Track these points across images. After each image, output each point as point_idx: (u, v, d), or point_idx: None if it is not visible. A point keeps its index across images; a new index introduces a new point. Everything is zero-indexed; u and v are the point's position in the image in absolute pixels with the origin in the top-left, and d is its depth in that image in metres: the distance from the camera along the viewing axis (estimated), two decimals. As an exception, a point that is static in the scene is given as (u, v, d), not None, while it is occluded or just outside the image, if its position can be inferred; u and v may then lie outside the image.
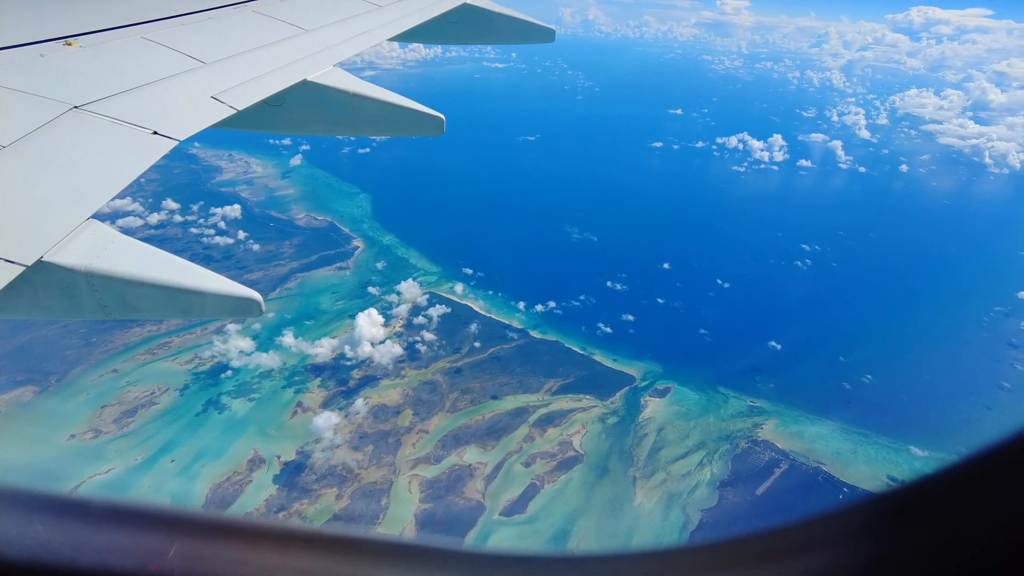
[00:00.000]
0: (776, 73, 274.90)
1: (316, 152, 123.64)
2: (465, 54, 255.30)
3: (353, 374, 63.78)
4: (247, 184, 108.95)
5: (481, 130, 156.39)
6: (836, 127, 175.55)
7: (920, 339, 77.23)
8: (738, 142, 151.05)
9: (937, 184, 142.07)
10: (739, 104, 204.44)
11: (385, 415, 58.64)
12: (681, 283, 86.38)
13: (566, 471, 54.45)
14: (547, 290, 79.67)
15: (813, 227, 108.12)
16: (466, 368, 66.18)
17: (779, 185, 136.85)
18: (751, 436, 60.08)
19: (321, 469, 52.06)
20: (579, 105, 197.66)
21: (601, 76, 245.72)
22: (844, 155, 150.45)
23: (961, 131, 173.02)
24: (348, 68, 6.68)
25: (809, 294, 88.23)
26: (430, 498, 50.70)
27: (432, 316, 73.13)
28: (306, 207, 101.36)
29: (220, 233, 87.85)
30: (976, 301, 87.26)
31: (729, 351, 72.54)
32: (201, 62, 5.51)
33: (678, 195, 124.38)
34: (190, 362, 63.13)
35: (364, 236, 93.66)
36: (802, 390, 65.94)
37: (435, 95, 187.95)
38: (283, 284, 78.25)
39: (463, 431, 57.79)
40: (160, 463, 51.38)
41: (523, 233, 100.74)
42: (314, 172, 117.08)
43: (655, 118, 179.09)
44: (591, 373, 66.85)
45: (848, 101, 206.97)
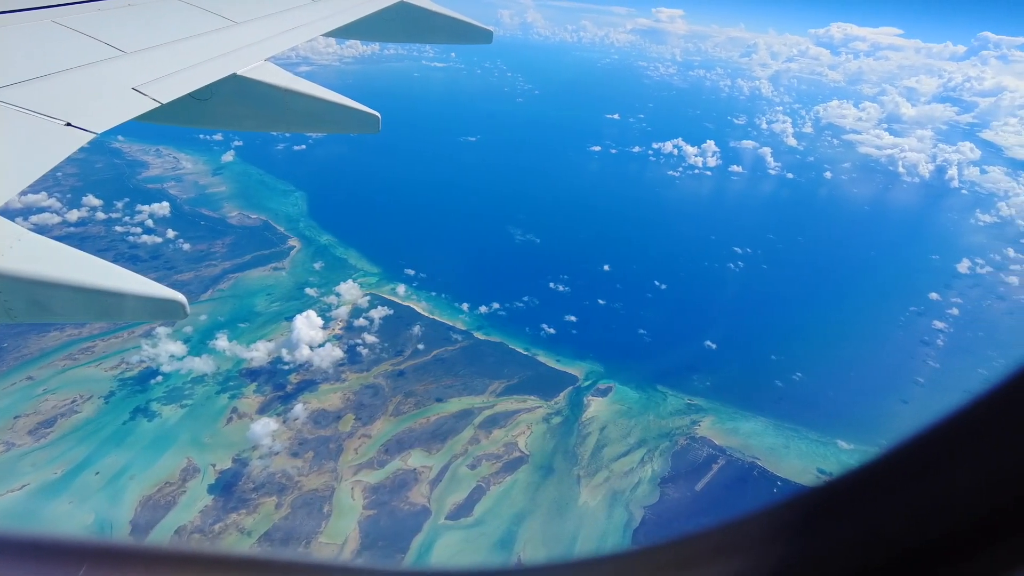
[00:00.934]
0: (709, 81, 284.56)
1: (249, 148, 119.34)
2: (404, 52, 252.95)
3: (291, 378, 61.83)
4: (176, 180, 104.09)
5: (421, 129, 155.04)
6: (765, 134, 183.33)
7: (843, 337, 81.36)
8: (673, 147, 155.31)
9: (857, 191, 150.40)
10: (674, 110, 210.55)
11: (326, 420, 57.10)
12: (621, 284, 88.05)
13: (512, 472, 54.47)
14: (491, 291, 79.59)
15: (745, 230, 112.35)
16: (409, 371, 65.27)
17: (712, 190, 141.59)
18: (689, 433, 61.71)
19: (259, 477, 50.14)
20: (519, 107, 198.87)
21: (540, 79, 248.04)
22: (773, 161, 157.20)
23: (878, 141, 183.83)
24: (282, 63, 6.46)
25: (742, 295, 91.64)
26: (374, 504, 49.68)
27: (373, 318, 71.77)
28: (239, 205, 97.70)
29: (147, 232, 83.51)
30: (893, 301, 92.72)
31: (667, 350, 74.40)
32: (120, 51, 5.11)
33: (617, 198, 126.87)
34: (116, 368, 59.64)
35: (300, 235, 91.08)
36: (736, 387, 68.28)
37: (373, 92, 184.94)
38: (215, 285, 75.11)
39: (407, 435, 56.94)
40: (82, 477, 48.19)
41: (466, 234, 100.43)
42: (247, 169, 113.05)
43: (593, 122, 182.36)
44: (535, 374, 67.18)
45: (776, 110, 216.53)
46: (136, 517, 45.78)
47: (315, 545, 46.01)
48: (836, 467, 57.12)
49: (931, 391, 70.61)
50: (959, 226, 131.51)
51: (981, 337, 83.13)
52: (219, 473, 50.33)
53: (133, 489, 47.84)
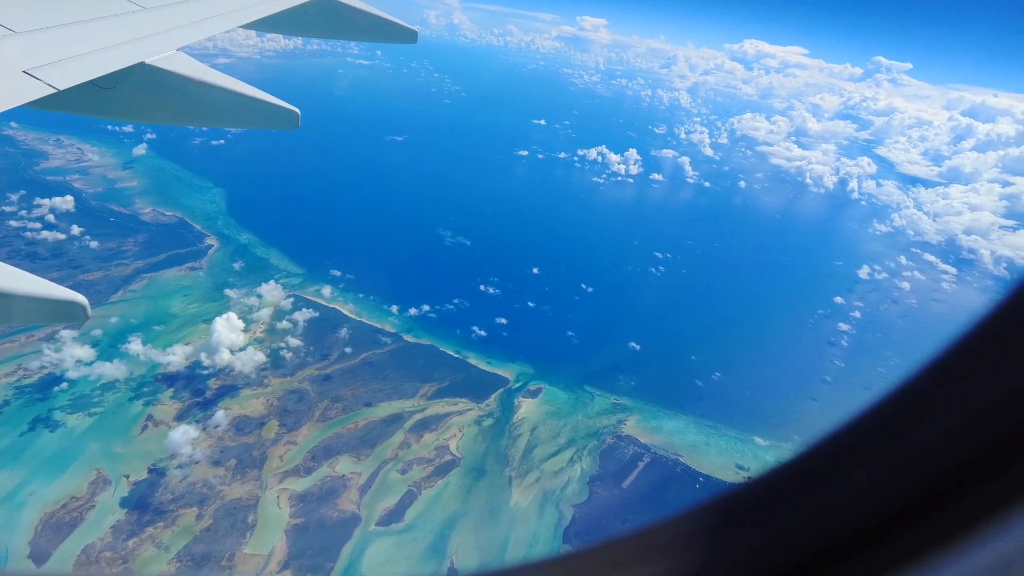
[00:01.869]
0: (630, 90, 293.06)
1: (163, 141, 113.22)
2: (327, 48, 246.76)
3: (210, 383, 58.98)
4: (81, 173, 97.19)
5: (346, 127, 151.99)
6: (684, 144, 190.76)
7: (758, 339, 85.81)
8: (597, 154, 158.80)
9: (769, 200, 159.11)
10: (598, 118, 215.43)
11: (249, 427, 54.82)
12: (550, 287, 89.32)
13: (443, 476, 54.13)
14: (421, 293, 78.84)
15: (666, 236, 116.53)
16: (336, 375, 63.67)
17: (635, 196, 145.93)
18: (616, 432, 63.33)
19: (178, 488, 47.51)
20: (447, 108, 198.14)
21: (467, 81, 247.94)
22: (691, 170, 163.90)
23: (787, 153, 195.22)
24: (197, 54, 6.29)
25: (663, 298, 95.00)
26: (301, 512, 48.13)
27: (298, 320, 69.54)
28: (152, 201, 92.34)
29: (48, 227, 77.46)
30: (802, 304, 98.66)
31: (594, 351, 76.10)
32: (9, 30, 4.73)
33: (545, 202, 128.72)
34: (12, 374, 54.95)
35: (219, 234, 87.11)
36: (660, 387, 70.69)
37: (296, 88, 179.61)
38: (127, 285, 70.66)
39: (335, 441, 55.52)
40: (-28, 495, 44.20)
41: (394, 235, 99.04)
42: (161, 163, 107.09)
43: (521, 127, 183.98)
44: (466, 376, 67.06)
45: (694, 121, 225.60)
46: (36, 538, 42.33)
47: (240, 557, 44.08)
48: (754, 463, 60.48)
49: (837, 389, 75.55)
50: (859, 235, 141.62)
51: (880, 338, 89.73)
52: (133, 485, 47.34)
53: (32, 507, 44.20)
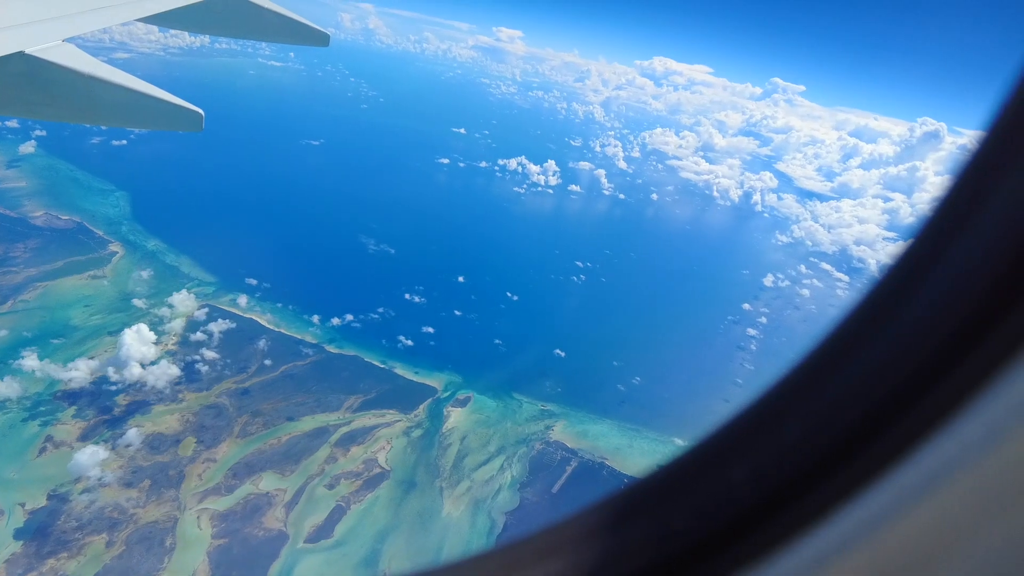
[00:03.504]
0: (547, 102, 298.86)
1: (55, 139, 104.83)
2: (237, 47, 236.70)
3: (119, 400, 55.09)
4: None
5: (258, 129, 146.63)
6: (599, 157, 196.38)
7: (674, 344, 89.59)
8: (517, 165, 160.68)
9: (680, 211, 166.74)
10: (516, 129, 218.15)
11: (163, 445, 51.59)
12: (475, 296, 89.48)
13: (373, 489, 53.05)
14: (344, 302, 76.93)
15: (585, 246, 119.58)
16: (255, 388, 61.07)
17: (554, 207, 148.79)
18: (544, 438, 64.25)
19: (84, 514, 43.98)
20: (364, 114, 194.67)
21: (384, 87, 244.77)
22: (607, 183, 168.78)
23: (696, 167, 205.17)
24: (92, 47, 6.07)
25: (585, 305, 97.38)
26: (224, 532, 45.78)
27: (212, 332, 66.20)
28: (45, 203, 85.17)
29: (-82, 231, 69.94)
30: (713, 311, 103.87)
31: (521, 359, 76.88)
32: None
33: (468, 211, 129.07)
34: None
35: (123, 240, 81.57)
36: (584, 392, 72.38)
37: (203, 87, 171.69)
38: (17, 295, 64.78)
39: (256, 457, 53.20)
40: None
41: (314, 242, 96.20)
42: (53, 163, 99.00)
43: (440, 135, 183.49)
44: (393, 387, 66.03)
45: (608, 134, 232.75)
46: (-85, 575, 38.08)
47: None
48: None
49: (748, 391, 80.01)
50: (763, 245, 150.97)
51: (784, 342, 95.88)
52: (30, 514, 43.43)
53: (-91, 542, 39.73)
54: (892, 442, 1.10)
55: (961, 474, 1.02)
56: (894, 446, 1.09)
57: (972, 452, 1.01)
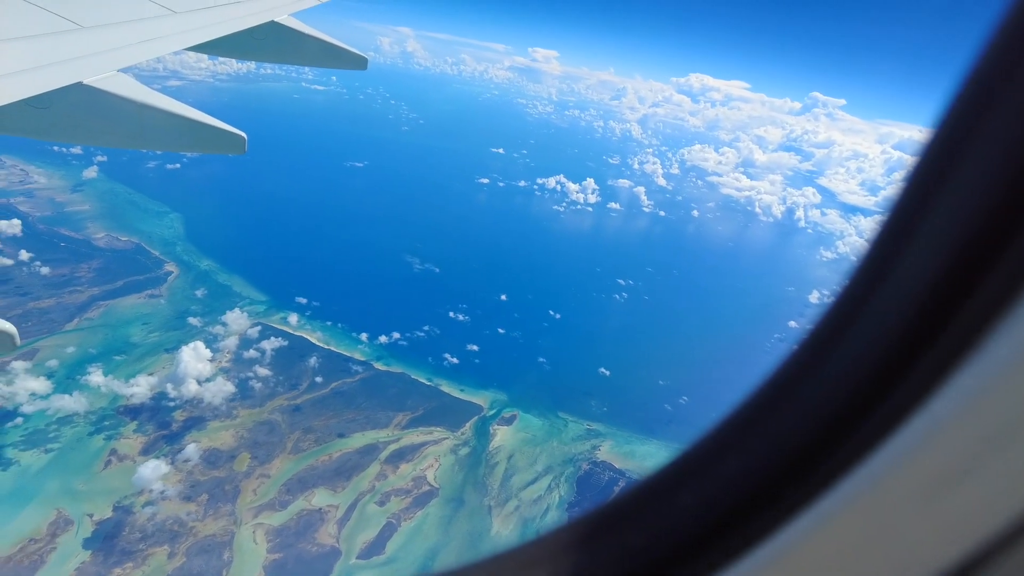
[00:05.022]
0: (584, 121, 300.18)
1: (115, 164, 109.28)
2: (281, 72, 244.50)
3: (176, 415, 56.69)
4: (26, 196, 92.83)
5: (305, 152, 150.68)
6: (638, 174, 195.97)
7: (720, 363, 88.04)
8: (556, 183, 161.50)
9: (722, 228, 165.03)
10: (554, 148, 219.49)
11: (219, 460, 52.81)
12: (518, 313, 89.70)
13: (422, 507, 53.27)
14: (390, 321, 77.98)
15: (626, 264, 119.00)
16: (307, 405, 62.13)
17: (594, 225, 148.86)
18: (591, 458, 63.72)
19: (147, 526, 45.24)
20: (405, 135, 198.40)
21: (424, 109, 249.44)
22: (647, 200, 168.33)
23: (737, 183, 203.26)
24: (147, 75, 6.34)
25: (628, 324, 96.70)
26: (279, 547, 46.48)
27: (265, 349, 67.71)
28: (106, 226, 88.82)
29: (-7, 252, 73.58)
30: (759, 329, 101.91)
31: (565, 377, 76.59)
32: None
33: (508, 230, 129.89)
34: (-42, 410, 51.65)
35: (178, 260, 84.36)
36: (631, 412, 71.63)
37: (251, 112, 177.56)
38: (82, 313, 67.50)
39: (309, 473, 54.00)
40: (-81, 539, 41.07)
41: (361, 261, 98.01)
42: (113, 187, 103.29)
43: (479, 155, 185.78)
44: (440, 404, 66.42)
45: (646, 151, 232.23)
46: (-7, 583, 39.63)
47: (218, 597, 42.20)
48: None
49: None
50: (807, 261, 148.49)
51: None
52: (97, 524, 44.85)
53: (-13, 550, 41.41)
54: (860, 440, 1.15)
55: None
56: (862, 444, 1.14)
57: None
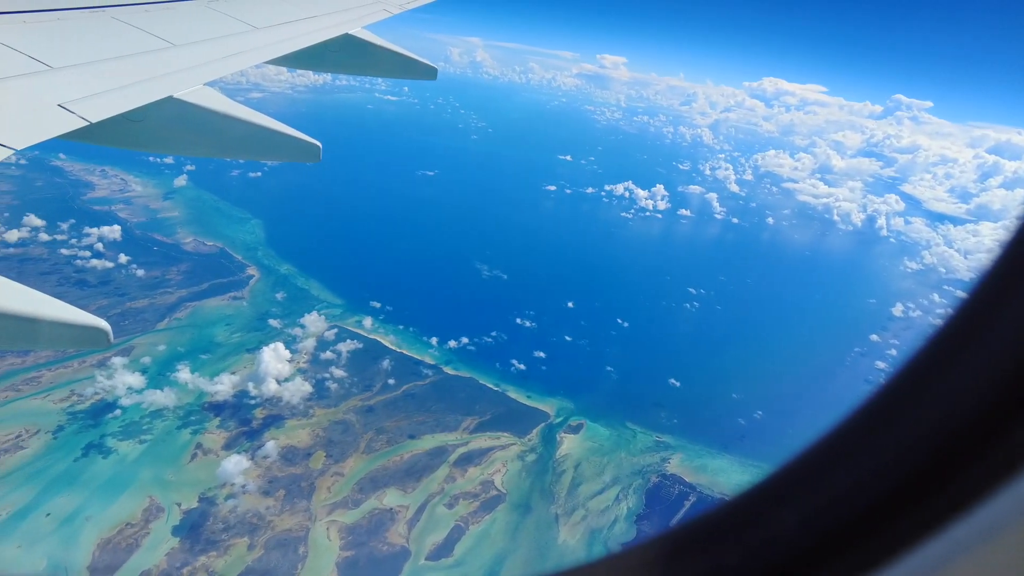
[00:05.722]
0: (653, 127, 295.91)
1: (202, 173, 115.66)
2: (356, 83, 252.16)
3: (256, 413, 59.31)
4: (125, 203, 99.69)
5: (378, 161, 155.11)
6: (709, 180, 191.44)
7: (797, 377, 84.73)
8: (624, 190, 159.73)
9: (798, 236, 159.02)
10: (622, 154, 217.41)
11: (296, 457, 54.88)
12: (585, 321, 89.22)
13: (490, 511, 53.62)
14: (460, 326, 79.09)
15: (698, 272, 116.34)
16: (379, 406, 63.76)
17: (664, 232, 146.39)
18: (661, 470, 62.50)
19: (229, 517, 47.51)
20: (474, 144, 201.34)
21: (492, 117, 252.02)
22: (719, 207, 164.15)
23: (813, 190, 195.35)
24: (232, 88, 6.51)
25: (700, 334, 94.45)
26: (351, 545, 47.81)
27: (341, 351, 70.00)
28: (193, 231, 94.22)
29: (97, 256, 79.14)
30: (838, 342, 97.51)
31: (634, 387, 75.53)
32: (47, 65, 4.97)
33: (575, 237, 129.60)
34: (66, 400, 55.74)
35: (259, 264, 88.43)
36: (702, 425, 69.85)
37: (327, 122, 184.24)
38: (172, 314, 71.75)
39: (381, 473, 55.35)
40: (32, 518, 44.46)
41: (431, 267, 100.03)
42: (200, 194, 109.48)
43: (547, 162, 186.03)
44: (507, 410, 66.80)
45: (718, 157, 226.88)
46: (94, 561, 42.44)
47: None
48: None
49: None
50: (890, 272, 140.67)
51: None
52: (185, 513, 47.48)
53: (90, 531, 44.46)
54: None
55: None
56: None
57: None
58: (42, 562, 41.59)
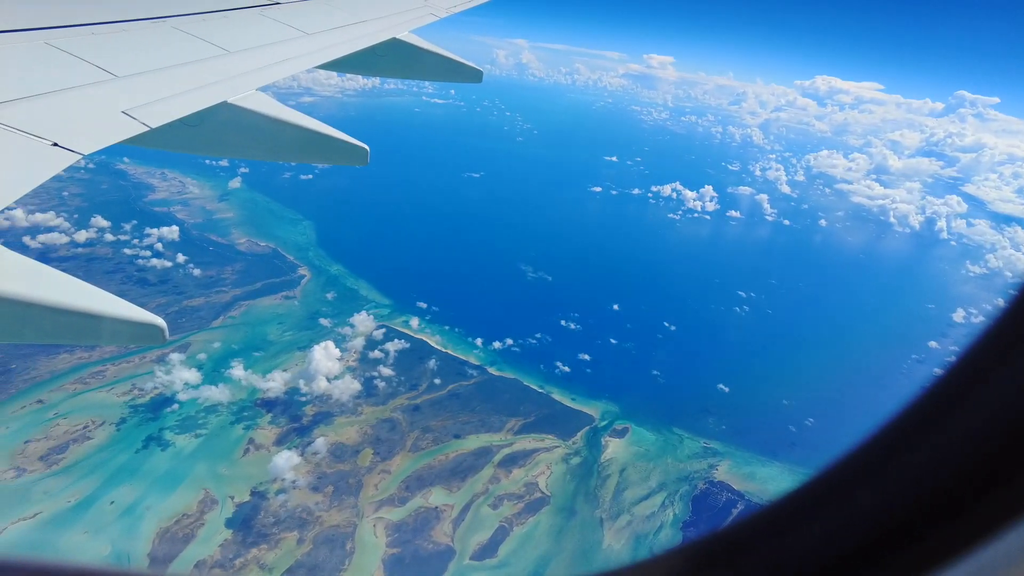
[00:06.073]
0: (700, 127, 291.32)
1: (255, 176, 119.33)
2: (403, 87, 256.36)
3: (306, 410, 60.72)
4: (183, 205, 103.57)
5: (424, 163, 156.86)
6: (760, 181, 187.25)
7: (851, 384, 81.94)
8: (672, 191, 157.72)
9: (852, 239, 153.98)
10: (670, 154, 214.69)
11: (344, 454, 55.95)
12: (631, 324, 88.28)
13: (534, 513, 53.57)
14: (504, 327, 79.34)
15: (747, 275, 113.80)
16: (425, 405, 64.46)
17: (712, 233, 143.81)
18: (708, 477, 61.35)
19: (279, 512, 48.79)
20: (520, 146, 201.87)
21: (538, 119, 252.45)
22: (769, 208, 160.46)
23: (869, 192, 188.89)
24: (284, 92, 6.54)
25: (750, 338, 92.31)
26: (397, 542, 48.45)
27: (389, 351, 71.03)
28: (247, 232, 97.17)
29: (157, 255, 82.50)
30: (895, 348, 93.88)
31: (681, 392, 74.36)
32: (112, 74, 5.22)
33: (621, 239, 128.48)
34: (127, 393, 58.23)
35: (310, 264, 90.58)
36: (751, 432, 68.25)
37: (375, 125, 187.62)
38: (226, 312, 74.12)
39: (427, 472, 55.92)
40: (97, 505, 46.64)
41: (476, 268, 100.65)
42: (254, 196, 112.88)
43: (592, 163, 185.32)
44: (551, 412, 66.64)
45: (769, 157, 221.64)
46: (154, 550, 44.17)
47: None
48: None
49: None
50: (951, 276, 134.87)
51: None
52: (237, 506, 48.97)
53: (150, 520, 46.31)
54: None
55: None
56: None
57: None
58: (107, 548, 43.53)
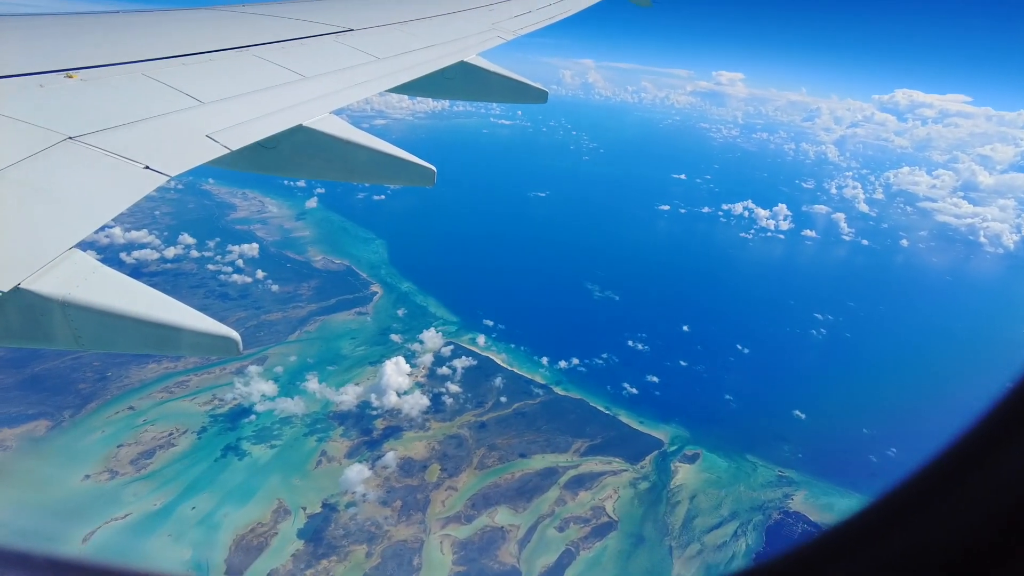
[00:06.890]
0: (772, 144, 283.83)
1: (331, 196, 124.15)
2: (472, 109, 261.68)
3: (377, 424, 62.03)
4: (262, 223, 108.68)
5: (492, 183, 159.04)
6: (835, 199, 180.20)
7: (938, 414, 76.86)
8: (744, 209, 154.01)
9: (937, 260, 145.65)
10: (741, 172, 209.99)
11: (412, 469, 56.75)
12: (702, 346, 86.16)
13: (601, 538, 52.68)
14: (570, 346, 78.97)
15: (824, 297, 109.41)
16: (491, 423, 64.70)
17: (786, 253, 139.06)
18: (783, 507, 58.85)
19: (349, 524, 49.88)
20: (586, 165, 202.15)
21: (604, 138, 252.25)
22: (847, 227, 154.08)
23: (956, 210, 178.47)
24: (357, 115, 6.55)
25: (827, 363, 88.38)
26: (463, 560, 48.61)
27: (457, 367, 71.90)
28: (323, 250, 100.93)
29: (238, 271, 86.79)
30: (986, 376, 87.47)
31: (754, 418, 71.76)
32: (199, 101, 5.62)
33: (690, 258, 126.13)
34: (208, 403, 61.19)
35: (382, 282, 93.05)
36: (829, 461, 65.16)
37: (444, 146, 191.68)
38: (302, 327, 76.95)
39: (493, 490, 55.98)
40: (179, 510, 49.00)
41: (543, 287, 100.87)
42: (329, 215, 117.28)
43: (660, 181, 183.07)
44: (618, 435, 65.60)
45: (845, 175, 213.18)
46: (231, 557, 45.89)
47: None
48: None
49: None
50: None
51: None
52: (309, 517, 50.33)
53: (227, 526, 48.22)
54: None
55: None
56: None
57: None
58: (187, 552, 45.59)
